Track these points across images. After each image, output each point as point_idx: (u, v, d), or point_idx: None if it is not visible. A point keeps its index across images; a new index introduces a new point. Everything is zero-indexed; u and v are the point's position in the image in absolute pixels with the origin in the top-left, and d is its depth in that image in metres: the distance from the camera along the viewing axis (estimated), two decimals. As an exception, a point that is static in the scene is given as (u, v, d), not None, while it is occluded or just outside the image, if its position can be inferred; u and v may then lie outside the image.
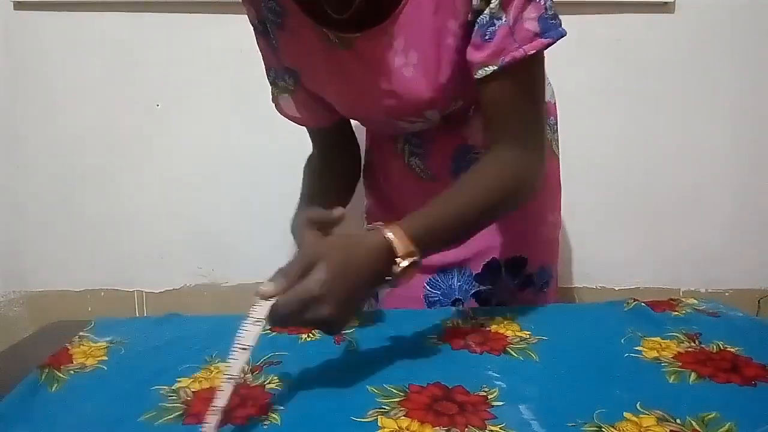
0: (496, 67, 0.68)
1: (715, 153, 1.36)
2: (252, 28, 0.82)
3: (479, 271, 0.92)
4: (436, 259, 0.92)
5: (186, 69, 1.29)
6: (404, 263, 0.59)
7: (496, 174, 0.71)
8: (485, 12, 0.67)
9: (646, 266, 1.40)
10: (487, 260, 0.92)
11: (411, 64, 0.74)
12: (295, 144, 1.30)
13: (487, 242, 0.91)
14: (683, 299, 0.80)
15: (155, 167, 1.33)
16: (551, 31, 0.69)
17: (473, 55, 0.70)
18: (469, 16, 0.69)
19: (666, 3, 1.28)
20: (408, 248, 0.60)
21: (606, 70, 1.31)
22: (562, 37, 0.71)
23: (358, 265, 0.58)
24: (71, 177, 1.32)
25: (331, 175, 0.90)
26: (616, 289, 1.40)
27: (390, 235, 0.60)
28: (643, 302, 0.77)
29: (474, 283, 0.93)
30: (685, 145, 1.35)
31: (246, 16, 0.83)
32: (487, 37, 0.68)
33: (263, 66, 0.87)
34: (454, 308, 0.77)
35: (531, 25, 0.67)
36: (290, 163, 1.37)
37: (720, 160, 1.36)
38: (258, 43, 0.83)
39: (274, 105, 0.89)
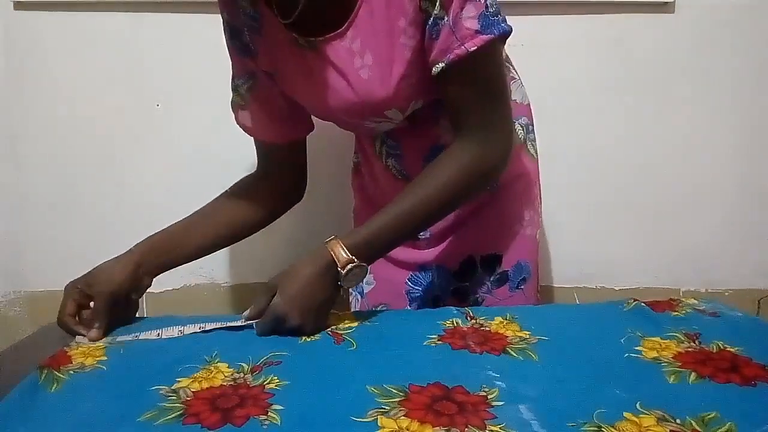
0: (444, 64, 0.72)
1: (715, 153, 1.36)
2: (223, 31, 0.85)
3: (456, 268, 0.94)
4: (416, 256, 0.96)
5: (186, 69, 1.29)
6: (345, 269, 0.70)
7: (454, 166, 0.76)
8: (431, 14, 0.71)
9: (646, 266, 1.40)
10: (463, 258, 0.94)
11: (367, 65, 0.77)
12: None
13: (463, 240, 0.94)
14: (683, 299, 0.80)
15: (155, 167, 1.33)
16: (491, 27, 0.71)
17: (428, 54, 0.74)
18: (417, 14, 0.72)
19: (666, 3, 1.28)
20: (345, 256, 0.71)
21: (606, 70, 1.31)
22: (506, 33, 0.73)
23: (306, 275, 0.71)
24: (71, 177, 1.32)
25: (242, 207, 0.91)
26: (616, 289, 1.40)
27: (329, 246, 0.72)
28: (643, 302, 0.77)
29: (452, 279, 0.95)
30: (685, 145, 1.35)
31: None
32: (434, 36, 0.72)
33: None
34: (454, 308, 0.77)
35: (470, 23, 0.71)
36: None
37: (720, 160, 1.36)
38: (227, 45, 0.86)
39: (232, 111, 0.91)
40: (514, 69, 0.97)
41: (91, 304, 0.76)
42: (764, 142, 1.36)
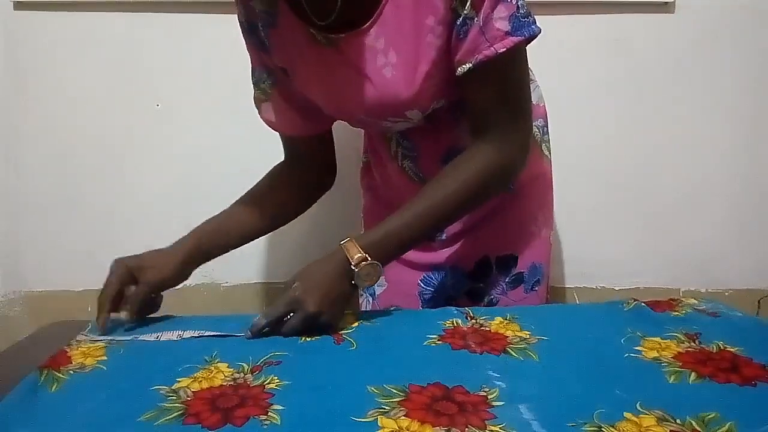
0: (471, 65, 0.71)
1: (715, 153, 1.36)
2: (239, 26, 0.84)
3: (471, 268, 0.94)
4: (429, 257, 0.95)
5: (186, 69, 1.29)
6: (359, 266, 0.70)
7: (471, 168, 0.76)
8: (461, 14, 0.70)
9: (646, 266, 1.40)
10: (478, 258, 0.93)
11: (390, 64, 0.75)
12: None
13: (479, 240, 0.93)
14: (683, 299, 0.80)
15: (155, 167, 1.33)
16: (522, 29, 0.71)
17: (454, 54, 0.73)
18: (447, 12, 0.71)
19: (666, 3, 1.28)
20: (359, 254, 0.71)
21: (606, 70, 1.31)
22: (535, 35, 0.73)
23: (322, 271, 0.71)
24: (71, 177, 1.32)
25: (278, 195, 0.93)
26: (616, 289, 1.40)
27: (343, 245, 0.72)
28: (643, 302, 0.77)
29: (466, 280, 0.94)
30: (684, 145, 1.35)
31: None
32: (461, 36, 0.71)
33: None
34: (454, 308, 0.77)
35: (501, 24, 0.70)
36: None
37: (720, 160, 1.36)
38: (245, 42, 0.85)
39: (255, 106, 0.91)
40: (531, 70, 0.97)
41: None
42: (764, 142, 1.36)
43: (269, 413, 0.51)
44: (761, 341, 0.65)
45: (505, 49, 0.70)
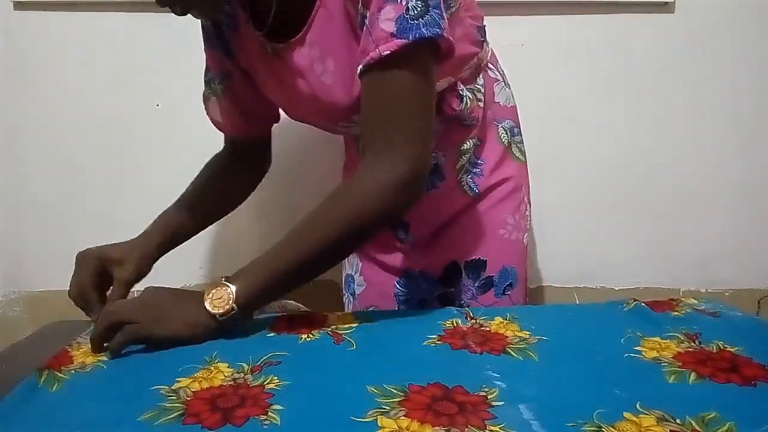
0: (361, 67, 0.68)
1: (715, 153, 1.36)
2: (201, 29, 0.88)
3: (440, 274, 0.94)
4: (401, 262, 0.96)
5: (186, 69, 1.28)
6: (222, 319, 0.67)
7: (348, 204, 0.69)
8: (363, 14, 0.68)
9: (646, 266, 1.40)
10: (447, 263, 0.93)
11: (329, 71, 0.75)
12: (295, 144, 1.31)
13: (445, 246, 0.93)
14: (683, 299, 0.80)
15: (155, 167, 1.33)
16: (409, 32, 0.64)
17: None
18: (357, 14, 0.70)
19: (666, 3, 1.28)
20: (227, 306, 0.67)
21: (606, 70, 1.31)
22: (423, 38, 0.65)
23: (167, 294, 0.70)
24: (71, 177, 1.32)
25: (221, 182, 0.96)
26: (616, 289, 1.40)
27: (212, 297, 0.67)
28: (643, 302, 0.77)
29: (438, 285, 0.94)
30: (685, 145, 1.35)
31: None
32: (361, 37, 0.69)
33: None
34: (454, 308, 0.77)
35: (386, 25, 0.65)
36: (290, 163, 1.38)
37: (720, 160, 1.36)
38: (204, 42, 0.89)
39: (203, 105, 0.94)
40: (498, 70, 0.95)
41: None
42: (764, 142, 1.36)
43: (269, 413, 0.51)
44: (761, 341, 0.65)
45: (389, 52, 0.65)
